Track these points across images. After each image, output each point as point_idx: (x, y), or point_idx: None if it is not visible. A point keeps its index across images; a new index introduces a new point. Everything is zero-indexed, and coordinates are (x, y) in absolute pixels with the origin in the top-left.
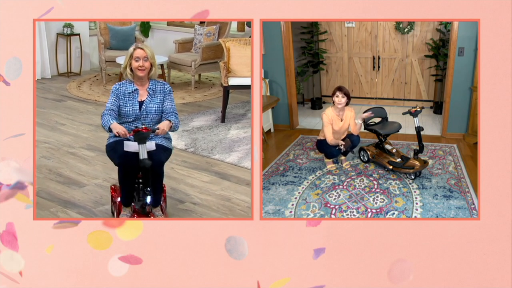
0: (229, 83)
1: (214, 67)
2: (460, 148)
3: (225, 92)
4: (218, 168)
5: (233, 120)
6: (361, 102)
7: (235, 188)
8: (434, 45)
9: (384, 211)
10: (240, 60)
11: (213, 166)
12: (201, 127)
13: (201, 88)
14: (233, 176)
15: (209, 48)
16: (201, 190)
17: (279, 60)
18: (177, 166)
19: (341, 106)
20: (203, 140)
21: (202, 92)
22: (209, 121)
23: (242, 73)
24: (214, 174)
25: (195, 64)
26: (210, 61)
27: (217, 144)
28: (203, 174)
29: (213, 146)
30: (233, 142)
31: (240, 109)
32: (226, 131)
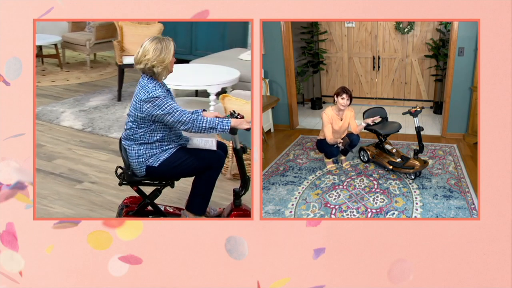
0: (124, 62)
1: (109, 46)
2: (460, 148)
3: (120, 71)
4: (115, 146)
5: (129, 98)
6: (361, 102)
7: None
8: (434, 45)
9: (384, 211)
10: (133, 39)
11: (110, 144)
12: (98, 107)
13: (96, 67)
14: None
15: (103, 27)
16: (99, 169)
17: (279, 60)
18: (75, 146)
19: (344, 107)
20: (100, 120)
21: (98, 71)
22: (105, 100)
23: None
24: (111, 152)
25: (90, 43)
26: (105, 40)
27: (114, 123)
28: (101, 153)
29: (110, 125)
30: None
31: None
32: (122, 110)
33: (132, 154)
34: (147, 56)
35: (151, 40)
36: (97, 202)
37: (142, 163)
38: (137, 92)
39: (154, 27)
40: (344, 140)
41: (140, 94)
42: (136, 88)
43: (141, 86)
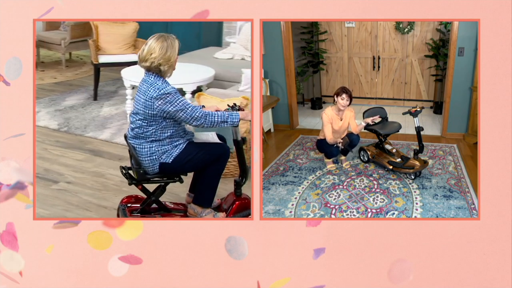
0: (99, 61)
1: (84, 45)
2: (460, 148)
3: (96, 70)
4: (92, 145)
5: (105, 97)
6: (361, 102)
7: (108, 164)
8: (434, 45)
9: (384, 211)
10: (109, 38)
11: (86, 144)
12: (74, 106)
13: (72, 66)
14: (106, 153)
15: (78, 26)
16: (75, 168)
17: (279, 60)
18: (50, 146)
19: (344, 108)
20: (76, 119)
21: (73, 70)
22: (81, 99)
23: (111, 51)
24: (87, 152)
25: (65, 42)
26: (80, 39)
27: (90, 122)
28: (77, 153)
29: (86, 124)
30: (106, 119)
31: (111, 87)
32: (98, 109)
33: (143, 152)
34: (153, 54)
35: (157, 38)
36: (73, 202)
37: (155, 160)
38: (145, 90)
39: (129, 26)
40: (344, 140)
41: (150, 92)
42: (141, 86)
43: (148, 83)
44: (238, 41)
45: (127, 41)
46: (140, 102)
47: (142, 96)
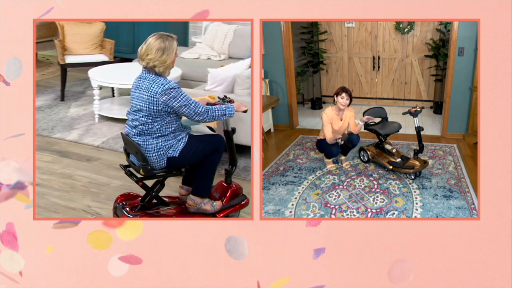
0: (66, 61)
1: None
2: (460, 148)
3: (62, 70)
4: (59, 146)
5: (72, 98)
6: (361, 102)
7: (76, 165)
8: (434, 45)
9: (384, 211)
10: (75, 38)
11: (53, 145)
12: (41, 107)
13: (38, 67)
14: (73, 154)
15: (43, 26)
16: (42, 170)
17: (279, 60)
18: None
19: (344, 107)
20: (43, 120)
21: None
22: (48, 100)
23: (78, 51)
24: (55, 153)
25: None
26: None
27: (58, 123)
28: (44, 154)
29: (54, 125)
30: (73, 120)
31: (78, 87)
32: (66, 110)
33: (150, 148)
34: (150, 55)
35: (156, 38)
36: (41, 205)
37: (163, 155)
38: (148, 87)
39: (96, 26)
40: (343, 135)
41: (153, 88)
42: (140, 83)
43: (150, 80)
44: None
45: (94, 41)
46: (143, 99)
47: (145, 93)
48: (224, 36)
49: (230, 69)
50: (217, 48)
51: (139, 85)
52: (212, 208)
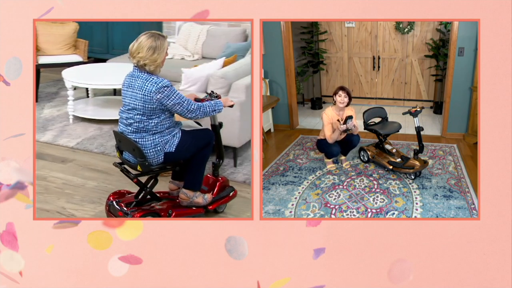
0: (39, 62)
1: None
2: (460, 148)
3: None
4: None
5: (46, 99)
6: (361, 102)
7: (50, 166)
8: (434, 45)
9: (384, 211)
10: (48, 38)
11: None
12: None
13: None
14: (48, 155)
15: None
16: None
17: (279, 60)
18: None
19: (343, 106)
20: None
21: None
22: None
23: (51, 52)
24: None
25: None
26: None
27: None
28: None
29: None
30: (47, 121)
31: (52, 88)
32: (40, 110)
33: (147, 144)
34: (140, 54)
35: (147, 37)
36: None
37: (160, 151)
38: (142, 85)
39: (69, 26)
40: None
41: (147, 86)
42: (133, 82)
43: (143, 79)
44: (177, 41)
45: (67, 41)
46: (137, 97)
47: (139, 92)
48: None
49: (203, 69)
50: (190, 48)
51: (132, 84)
52: (204, 200)
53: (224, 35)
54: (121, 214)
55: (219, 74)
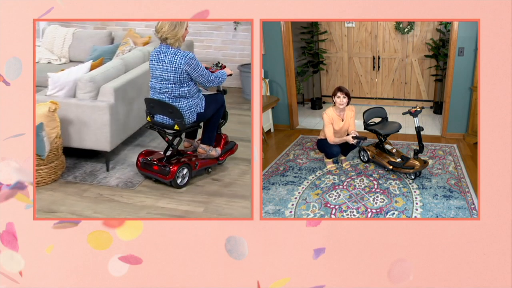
0: None
1: None
2: (460, 148)
3: None
4: None
5: None
6: (361, 102)
7: None
8: (434, 45)
9: (384, 211)
10: None
11: None
12: None
13: None
14: None
15: None
16: None
17: (279, 60)
18: None
19: (343, 107)
20: None
21: None
22: None
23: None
24: None
25: None
26: None
27: None
28: None
29: None
30: None
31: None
32: None
33: (184, 107)
34: (163, 29)
35: None
36: None
37: (194, 112)
38: (171, 59)
39: None
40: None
41: (177, 60)
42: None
43: (171, 54)
44: (42, 44)
45: None
46: (168, 70)
47: (169, 65)
48: (63, 39)
49: (70, 73)
50: (56, 51)
51: (161, 58)
52: (217, 153)
53: (90, 37)
54: (156, 168)
55: (86, 78)
